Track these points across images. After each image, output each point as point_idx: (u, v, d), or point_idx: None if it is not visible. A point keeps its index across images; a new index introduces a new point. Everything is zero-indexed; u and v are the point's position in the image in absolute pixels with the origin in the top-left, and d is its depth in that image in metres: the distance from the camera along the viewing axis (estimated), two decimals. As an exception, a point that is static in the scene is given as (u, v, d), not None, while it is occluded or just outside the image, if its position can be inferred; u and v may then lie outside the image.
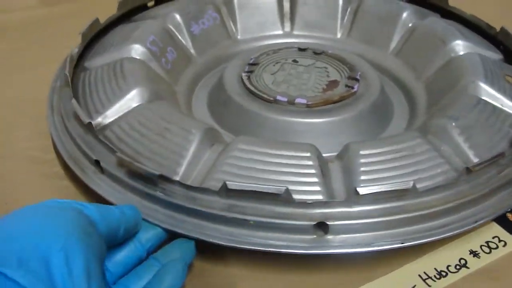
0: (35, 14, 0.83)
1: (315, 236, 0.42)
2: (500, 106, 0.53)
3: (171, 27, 0.65)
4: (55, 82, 0.60)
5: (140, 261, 0.40)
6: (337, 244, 0.41)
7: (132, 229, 0.40)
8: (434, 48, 0.62)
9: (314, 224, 0.41)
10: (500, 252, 0.45)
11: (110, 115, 0.52)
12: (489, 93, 0.53)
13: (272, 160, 0.45)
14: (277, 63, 0.62)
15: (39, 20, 0.81)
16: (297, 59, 0.63)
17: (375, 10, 0.70)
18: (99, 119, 0.52)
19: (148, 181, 0.44)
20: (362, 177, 0.44)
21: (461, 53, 0.60)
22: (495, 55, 0.62)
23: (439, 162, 0.46)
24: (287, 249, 0.41)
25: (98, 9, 0.67)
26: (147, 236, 0.41)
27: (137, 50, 0.59)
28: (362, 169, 0.45)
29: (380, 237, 0.41)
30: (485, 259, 0.45)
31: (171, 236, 0.43)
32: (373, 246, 0.41)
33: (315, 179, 0.44)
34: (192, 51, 0.67)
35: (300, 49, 0.65)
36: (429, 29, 0.65)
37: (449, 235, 0.43)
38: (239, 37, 0.71)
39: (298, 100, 0.56)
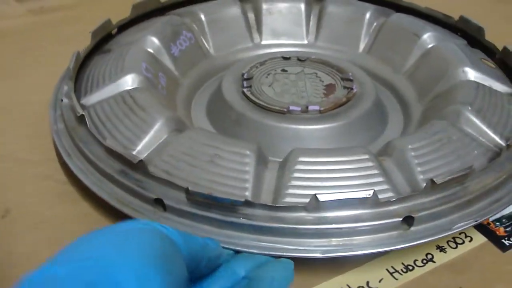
0: (23, 22, 0.84)
1: (401, 231, 0.44)
2: (491, 87, 0.59)
3: (152, 51, 0.64)
4: (55, 125, 0.56)
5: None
6: (423, 234, 0.44)
7: (215, 260, 0.37)
8: (408, 42, 0.67)
9: (401, 220, 0.43)
10: (466, 247, 0.47)
11: (143, 150, 0.50)
12: (479, 77, 0.59)
13: (334, 167, 0.47)
14: (268, 74, 0.63)
15: (27, 29, 0.82)
16: (285, 68, 0.65)
17: (338, 12, 0.73)
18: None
19: (226, 209, 0.43)
20: (419, 169, 0.47)
21: (436, 43, 0.65)
22: (460, 41, 0.68)
23: (475, 145, 0.50)
24: (381, 248, 0.43)
25: (84, 17, 0.74)
26: (241, 262, 0.39)
27: (135, 80, 0.57)
28: (416, 161, 0.48)
29: (457, 219, 0.45)
30: (451, 254, 0.46)
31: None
32: (454, 229, 0.44)
33: (380, 179, 0.46)
34: (176, 73, 0.65)
35: (284, 58, 0.66)
36: (397, 25, 0.69)
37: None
38: (214, 54, 0.71)
39: (311, 108, 0.57)
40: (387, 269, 0.45)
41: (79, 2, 0.88)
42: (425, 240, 0.44)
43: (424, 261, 0.46)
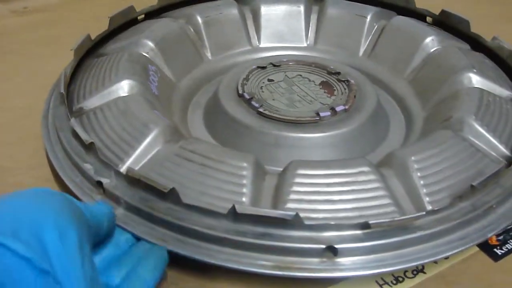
0: (6, 23, 0.82)
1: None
2: (495, 93, 0.57)
3: (147, 55, 0.62)
4: (50, 146, 0.53)
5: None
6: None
7: (112, 226, 0.41)
8: (410, 45, 0.65)
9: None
10: (458, 257, 0.46)
11: (136, 161, 0.49)
12: (483, 83, 0.57)
13: (333, 180, 0.45)
14: (261, 88, 0.61)
15: (10, 30, 0.80)
16: (270, 78, 0.62)
17: (339, 14, 0.72)
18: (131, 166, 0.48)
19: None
20: (422, 182, 0.46)
21: (439, 47, 0.64)
22: (463, 45, 0.66)
23: (480, 156, 0.49)
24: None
25: (68, 18, 0.72)
26: (124, 237, 0.42)
27: (130, 86, 0.56)
28: (419, 174, 0.46)
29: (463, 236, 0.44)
30: (443, 264, 0.45)
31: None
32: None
33: (382, 192, 0.45)
34: (172, 78, 0.64)
35: (260, 67, 0.63)
36: (399, 28, 0.68)
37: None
38: (211, 58, 0.69)
39: (338, 109, 0.56)
40: (376, 281, 0.44)
41: (62, 3, 0.87)
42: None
43: (415, 272, 0.44)
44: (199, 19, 0.69)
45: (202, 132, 0.59)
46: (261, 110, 0.56)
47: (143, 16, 0.71)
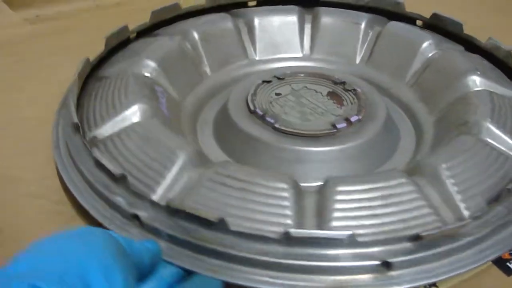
0: (19, 32, 0.81)
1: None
2: (502, 94, 0.58)
3: (151, 76, 0.61)
4: (69, 177, 0.51)
5: None
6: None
7: (156, 261, 0.40)
8: (407, 51, 0.67)
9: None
10: (470, 271, 0.44)
11: (168, 189, 0.47)
12: (488, 85, 0.59)
13: (376, 194, 0.46)
14: (270, 102, 0.60)
15: (22, 39, 0.79)
16: (276, 92, 0.62)
17: (332, 23, 0.72)
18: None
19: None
20: (456, 188, 0.47)
21: (437, 51, 0.65)
22: (457, 47, 0.68)
23: (503, 158, 0.50)
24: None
25: (80, 26, 0.73)
26: (169, 271, 0.40)
27: (142, 110, 0.55)
28: (453, 181, 0.47)
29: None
30: (455, 280, 0.44)
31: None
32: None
33: (422, 202, 0.46)
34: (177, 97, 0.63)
35: (265, 81, 0.63)
36: (395, 34, 0.69)
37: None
38: (210, 74, 0.68)
39: (353, 119, 0.57)
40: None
41: (75, 11, 0.86)
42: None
43: (427, 287, 0.43)
44: (196, 35, 0.68)
45: (217, 152, 0.58)
46: (277, 125, 0.56)
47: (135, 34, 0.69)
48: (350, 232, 0.40)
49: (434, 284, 0.43)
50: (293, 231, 0.40)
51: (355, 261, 0.41)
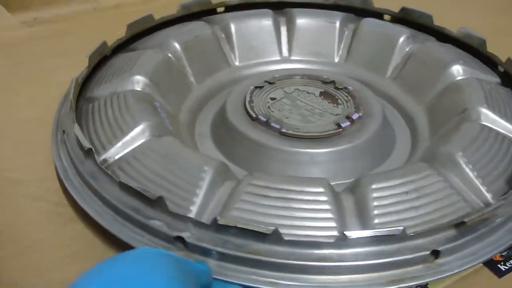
0: (17, 35, 0.81)
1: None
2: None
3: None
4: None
5: None
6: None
7: (209, 281, 0.40)
8: (385, 46, 0.69)
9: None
10: (461, 273, 0.45)
11: (202, 207, 0.47)
12: (472, 73, 0.63)
13: (409, 188, 0.47)
14: (268, 107, 0.60)
15: (21, 41, 0.80)
16: (271, 96, 0.62)
17: (307, 24, 0.73)
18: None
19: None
20: (476, 173, 0.50)
21: (414, 43, 0.68)
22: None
23: (508, 142, 0.54)
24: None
25: (78, 29, 0.75)
26: None
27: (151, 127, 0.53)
28: (470, 166, 0.50)
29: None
30: (446, 281, 0.45)
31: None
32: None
33: (451, 191, 0.48)
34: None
35: (257, 87, 0.63)
36: (370, 30, 0.71)
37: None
38: (194, 82, 0.68)
39: (354, 116, 0.58)
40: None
41: (73, 14, 0.87)
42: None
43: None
44: (178, 46, 0.67)
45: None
46: (283, 130, 0.57)
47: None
48: (402, 227, 0.42)
49: (425, 285, 0.44)
50: (349, 233, 0.41)
51: (406, 254, 0.42)
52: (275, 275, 0.42)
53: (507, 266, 0.47)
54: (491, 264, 0.47)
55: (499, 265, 0.47)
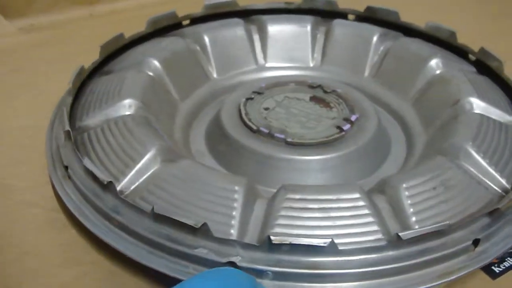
0: (14, 41, 0.81)
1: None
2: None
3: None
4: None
5: None
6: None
7: None
8: (361, 46, 0.71)
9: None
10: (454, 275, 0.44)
11: (242, 227, 0.45)
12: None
13: (435, 183, 0.49)
14: (265, 118, 0.60)
15: (17, 48, 0.80)
16: (264, 107, 0.62)
17: (279, 30, 0.73)
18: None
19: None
20: (486, 161, 0.52)
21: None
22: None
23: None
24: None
25: (74, 36, 0.76)
26: None
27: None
28: (485, 157, 0.52)
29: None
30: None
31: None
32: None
33: (471, 180, 0.50)
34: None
35: (248, 99, 0.62)
36: (343, 31, 0.72)
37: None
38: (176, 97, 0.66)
39: (353, 118, 0.59)
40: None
41: (70, 20, 0.87)
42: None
43: None
44: (157, 64, 0.64)
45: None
46: (289, 140, 0.56)
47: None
48: (447, 222, 0.43)
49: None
50: (403, 234, 0.42)
51: (453, 246, 0.44)
52: (337, 286, 0.42)
53: (501, 268, 0.48)
54: (485, 266, 0.47)
55: (493, 267, 0.48)
